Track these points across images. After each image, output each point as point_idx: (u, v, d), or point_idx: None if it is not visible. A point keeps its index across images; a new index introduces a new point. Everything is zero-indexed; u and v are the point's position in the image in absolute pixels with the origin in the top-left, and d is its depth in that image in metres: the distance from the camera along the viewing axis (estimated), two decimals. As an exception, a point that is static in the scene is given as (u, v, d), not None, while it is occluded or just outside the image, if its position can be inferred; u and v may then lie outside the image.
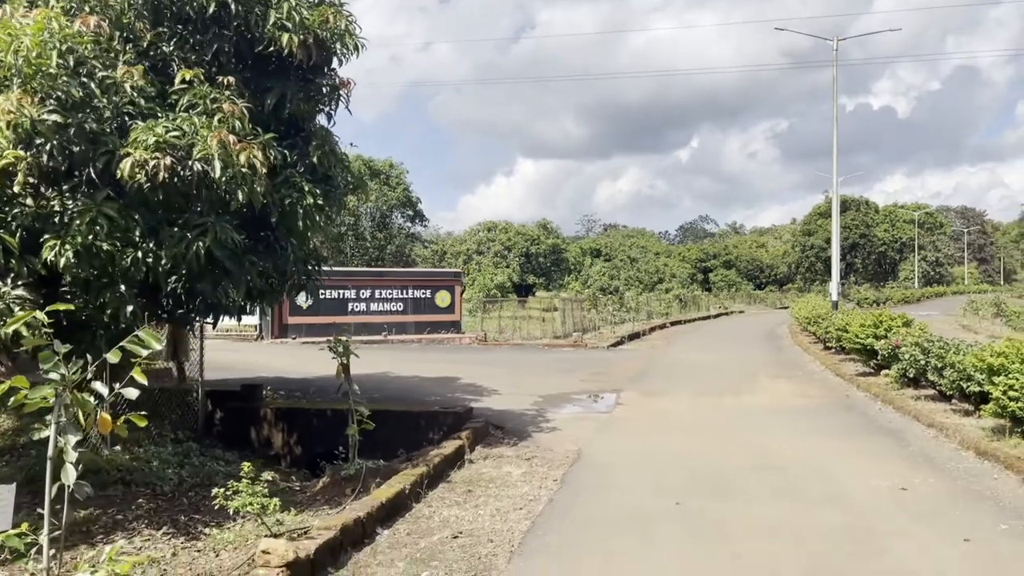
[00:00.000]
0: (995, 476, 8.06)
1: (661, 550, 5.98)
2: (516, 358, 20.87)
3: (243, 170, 6.58)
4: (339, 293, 24.78)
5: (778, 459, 8.89)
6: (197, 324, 11.54)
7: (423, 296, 26.03)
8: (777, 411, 12.37)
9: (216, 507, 7.18)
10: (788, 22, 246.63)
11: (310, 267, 11.90)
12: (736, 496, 7.36)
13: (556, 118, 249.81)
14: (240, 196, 6.62)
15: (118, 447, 10.01)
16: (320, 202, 7.93)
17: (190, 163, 6.40)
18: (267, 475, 7.03)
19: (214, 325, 11.31)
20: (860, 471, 8.29)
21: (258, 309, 24.05)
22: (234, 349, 21.52)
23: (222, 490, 6.43)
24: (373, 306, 25.21)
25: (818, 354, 21.06)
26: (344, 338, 8.82)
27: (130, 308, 7.90)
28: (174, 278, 7.44)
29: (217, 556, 6.55)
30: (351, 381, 8.99)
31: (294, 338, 23.80)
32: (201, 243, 6.73)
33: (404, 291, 25.75)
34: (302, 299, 23.27)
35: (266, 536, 6.03)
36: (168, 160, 6.24)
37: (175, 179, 6.42)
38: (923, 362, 12.26)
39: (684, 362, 20.16)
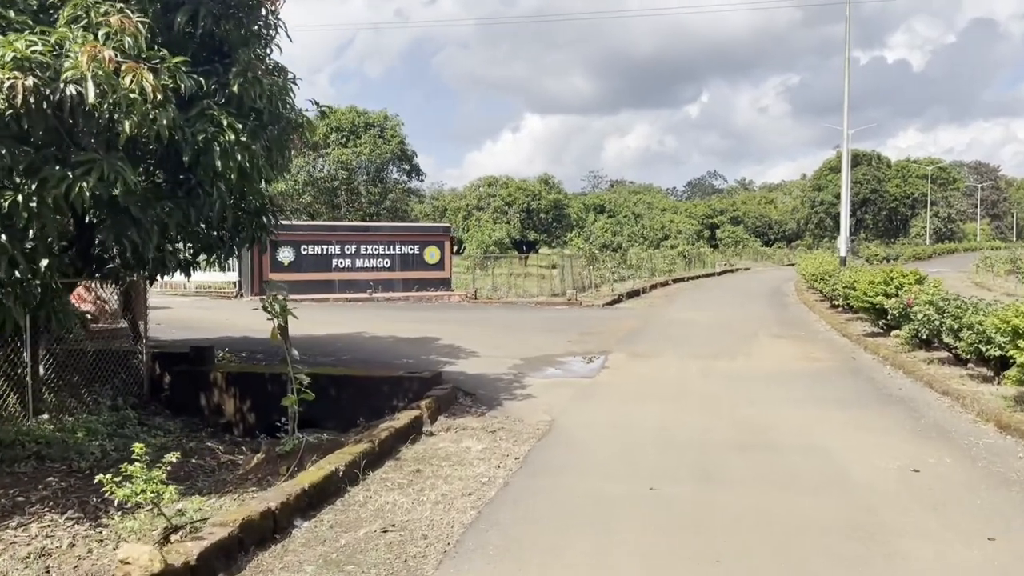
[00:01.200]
0: (1021, 455, 7.04)
1: (622, 554, 4.99)
2: (505, 317, 19.87)
3: (130, 95, 5.47)
4: (323, 248, 23.69)
5: (772, 435, 7.88)
6: (136, 280, 10.53)
7: (411, 252, 24.94)
8: (775, 376, 11.35)
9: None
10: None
11: (265, 219, 10.92)
12: (720, 481, 6.36)
13: (564, 73, 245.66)
14: (127, 127, 5.53)
15: (45, 415, 9.10)
16: (244, 139, 6.82)
17: (59, 85, 5.29)
18: (214, 447, 6.02)
19: (150, 281, 10.33)
20: (865, 449, 7.28)
21: (237, 264, 23.11)
22: (208, 307, 20.58)
23: (110, 476, 5.45)
24: (359, 262, 24.13)
25: (824, 312, 19.99)
26: (280, 295, 7.76)
27: (45, 262, 6.91)
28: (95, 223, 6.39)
29: (115, 549, 5.63)
30: (290, 345, 7.97)
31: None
32: (85, 183, 5.65)
33: (391, 247, 24.64)
34: (284, 255, 22.33)
35: (158, 530, 5.10)
36: (30, 81, 5.15)
37: (45, 105, 5.32)
38: (937, 323, 11.19)
39: (681, 321, 19.12)
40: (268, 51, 9.59)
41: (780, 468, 6.69)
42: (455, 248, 65.34)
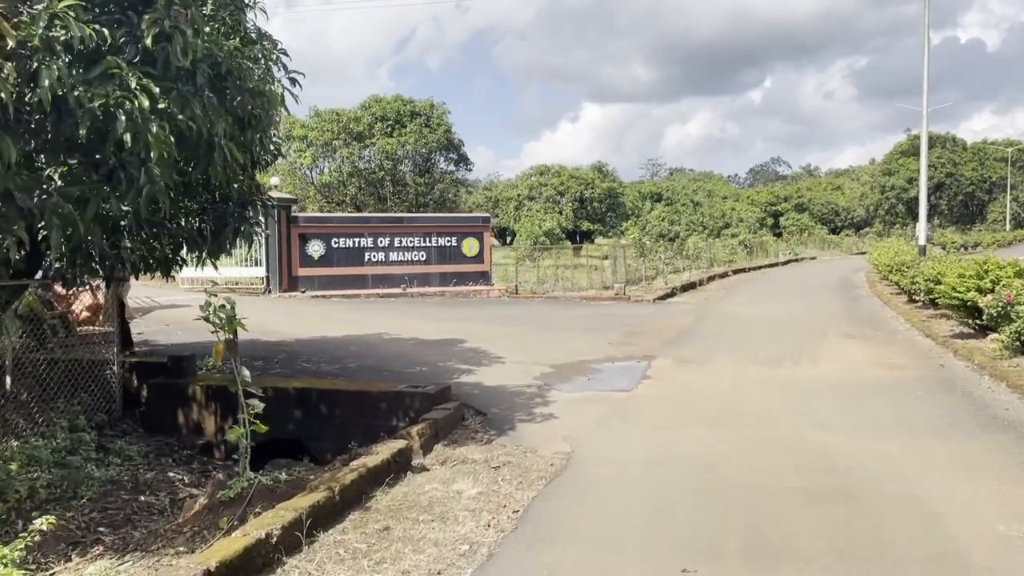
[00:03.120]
0: None
1: None
2: (544, 314, 18.29)
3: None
4: (354, 242, 22.43)
5: (850, 477, 6.15)
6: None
7: (448, 244, 23.49)
8: (849, 388, 9.52)
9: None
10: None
11: (250, 212, 9.62)
12: (782, 558, 4.69)
13: (623, 61, 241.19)
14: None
15: (-14, 440, 7.92)
16: (162, 105, 5.39)
17: None
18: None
19: (107, 285, 9.08)
20: (978, 503, 5.51)
21: (265, 259, 22.06)
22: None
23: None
24: (392, 256, 22.81)
25: (902, 308, 17.84)
26: (221, 298, 6.32)
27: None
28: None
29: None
30: (239, 363, 6.54)
31: (303, 291, 21.66)
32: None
33: (427, 239, 23.24)
34: (314, 248, 21.19)
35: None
36: None
37: None
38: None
39: (739, 317, 17.24)
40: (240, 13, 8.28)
41: (865, 534, 4.98)
42: (506, 239, 63.99)
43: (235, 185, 9.47)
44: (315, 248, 21.85)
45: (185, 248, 9.24)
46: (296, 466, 7.61)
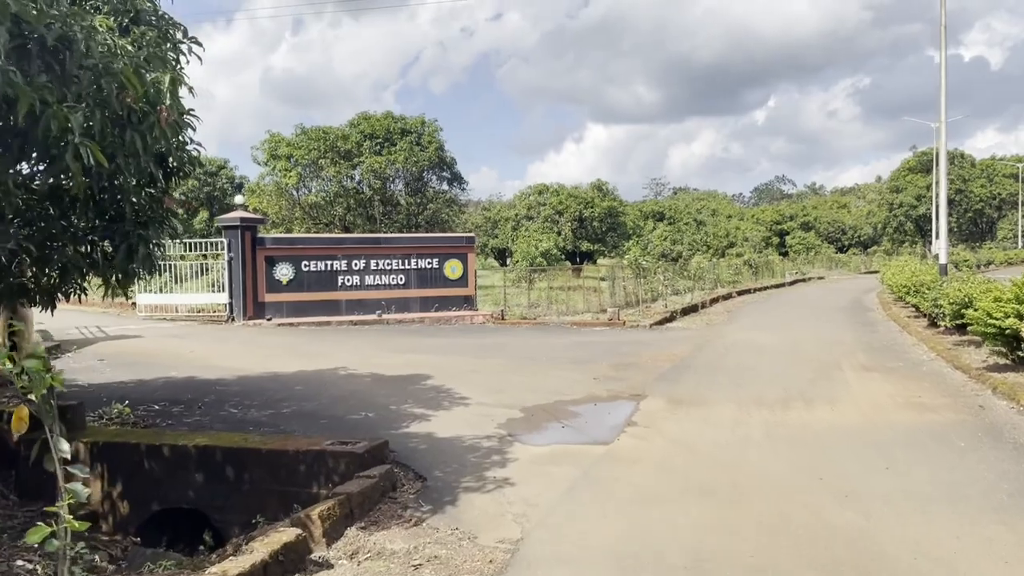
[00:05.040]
0: None
1: None
2: (528, 343, 16.63)
3: None
4: (327, 265, 20.81)
5: (892, 588, 4.47)
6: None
7: (429, 266, 21.86)
8: (874, 440, 7.85)
9: None
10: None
11: (148, 232, 8.06)
12: None
13: (627, 82, 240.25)
14: None
15: None
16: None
17: None
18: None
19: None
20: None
21: (227, 284, 20.46)
22: (186, 335, 17.88)
23: None
24: (368, 279, 21.18)
25: (923, 334, 16.15)
26: (40, 344, 4.69)
27: None
28: None
29: None
30: (56, 430, 4.89)
31: (270, 319, 20.06)
32: None
33: (406, 261, 21.62)
34: (282, 272, 19.62)
35: None
36: None
37: None
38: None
39: (742, 346, 15.56)
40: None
41: None
42: (505, 260, 62.41)
43: (133, 199, 7.96)
44: (283, 272, 20.27)
45: (81, 274, 7.67)
46: (163, 559, 5.95)
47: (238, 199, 21.37)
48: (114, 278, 8.18)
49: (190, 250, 22.24)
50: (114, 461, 7.70)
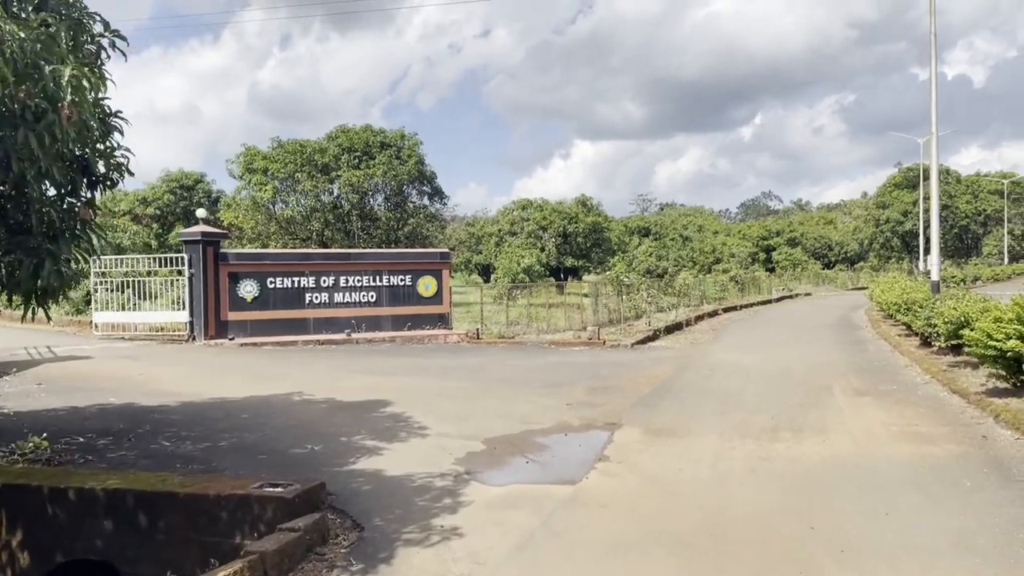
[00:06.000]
0: None
1: None
2: (502, 364, 15.79)
3: None
4: (293, 281, 19.91)
5: None
6: None
7: (402, 283, 20.99)
8: (871, 478, 7.05)
9: None
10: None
11: (58, 246, 7.20)
12: None
13: (615, 99, 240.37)
14: None
15: None
16: None
17: None
18: None
19: None
20: None
21: (188, 302, 19.53)
22: (139, 356, 16.92)
23: None
24: (337, 296, 20.29)
25: (916, 354, 15.42)
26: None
27: None
28: None
29: None
30: None
31: (232, 338, 19.11)
32: None
33: (378, 278, 20.75)
34: (246, 289, 18.71)
35: None
36: None
37: None
38: None
39: (727, 367, 14.78)
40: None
41: None
42: (489, 277, 61.62)
43: (44, 210, 7.12)
44: (248, 289, 19.36)
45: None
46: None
47: (200, 212, 20.47)
48: (34, 295, 7.32)
49: (163, 265, 21.31)
50: (15, 505, 6.80)
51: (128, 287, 20.87)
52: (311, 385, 12.77)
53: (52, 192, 7.45)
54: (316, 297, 20.11)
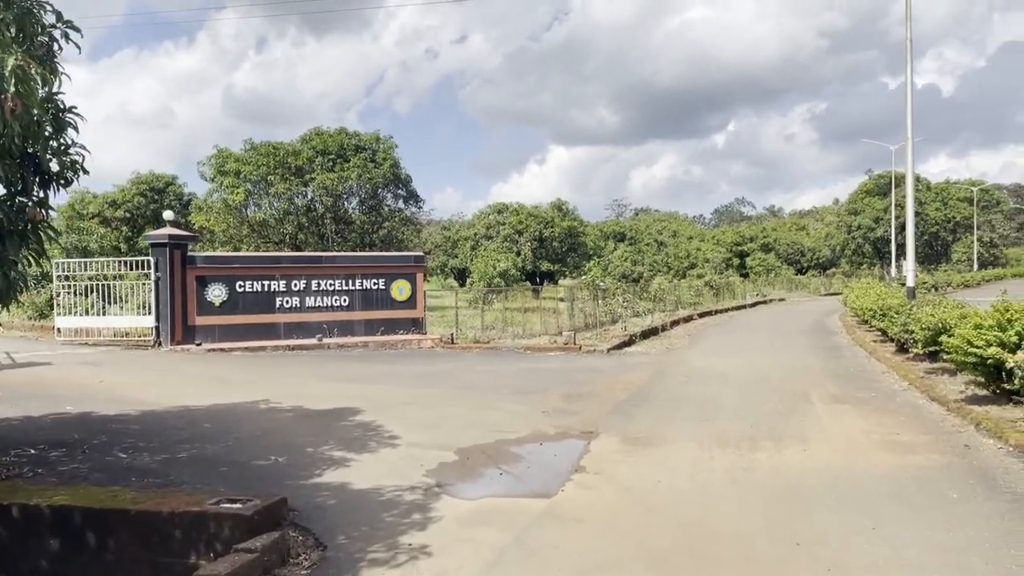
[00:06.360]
0: None
1: None
2: (476, 370, 15.49)
3: None
4: (264, 285, 19.46)
5: None
6: None
7: (375, 287, 20.62)
8: (855, 489, 6.85)
9: None
10: (828, 3, 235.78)
11: (5, 248, 6.81)
12: None
13: (590, 105, 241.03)
14: None
15: None
16: None
17: None
18: None
19: None
20: None
21: (155, 306, 19.03)
22: (103, 362, 16.40)
23: None
24: (309, 301, 19.87)
25: (892, 360, 15.36)
26: None
27: None
28: None
29: None
30: None
31: (199, 343, 18.62)
32: None
33: (350, 281, 20.36)
34: (215, 293, 18.25)
35: None
36: None
37: None
38: None
39: (704, 373, 14.60)
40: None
41: None
42: (464, 281, 61.25)
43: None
44: (216, 293, 18.88)
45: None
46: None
47: (167, 215, 19.96)
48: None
49: (131, 269, 20.74)
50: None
51: (94, 291, 20.29)
52: (279, 392, 12.39)
53: (1, 191, 7.08)
54: (287, 301, 19.68)
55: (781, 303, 45.97)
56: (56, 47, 7.07)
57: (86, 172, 7.80)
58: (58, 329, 20.23)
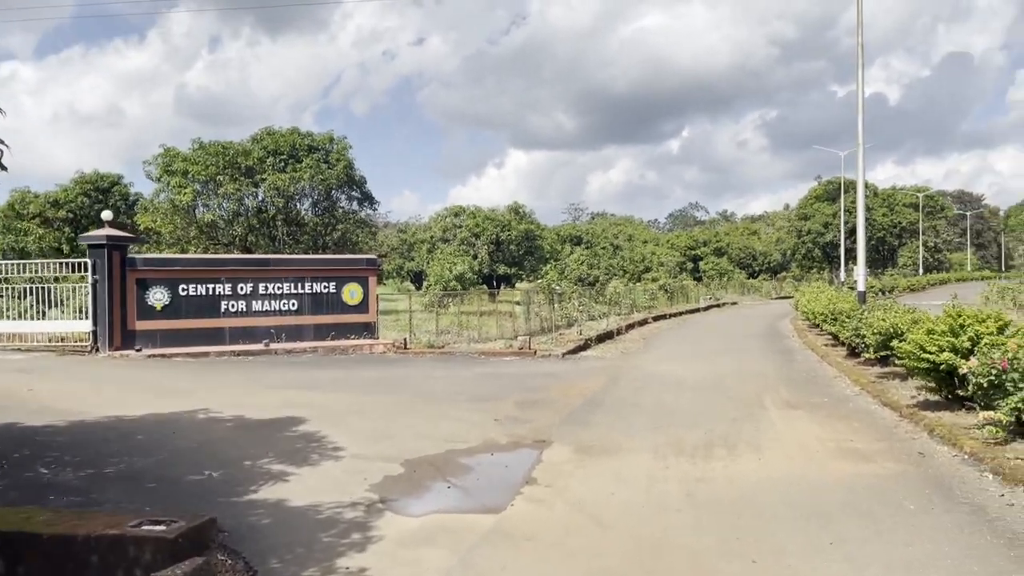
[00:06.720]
0: None
1: None
2: (428, 376, 15.13)
3: None
4: (208, 288, 18.83)
5: None
6: None
7: (325, 291, 20.11)
8: (811, 501, 6.68)
9: None
10: (778, 12, 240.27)
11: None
12: None
13: (548, 110, 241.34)
14: None
15: None
16: None
17: None
18: None
19: None
20: None
21: (92, 310, 18.25)
22: (32, 369, 15.65)
23: None
24: (256, 305, 19.29)
25: (844, 365, 15.41)
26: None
27: None
28: None
29: None
30: None
31: (139, 349, 17.92)
32: None
33: (299, 285, 19.82)
34: (156, 296, 17.58)
35: None
36: None
37: None
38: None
39: (659, 379, 14.46)
40: None
41: None
42: (421, 284, 60.75)
43: None
44: (157, 296, 18.20)
45: None
46: None
47: (105, 215, 19.18)
48: None
49: (73, 271, 19.87)
50: None
51: (31, 294, 19.43)
52: (220, 401, 11.88)
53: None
54: (232, 305, 19.05)
55: (734, 306, 46.39)
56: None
57: (3, 168, 7.31)
58: (-11, 334, 19.31)
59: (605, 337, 23.76)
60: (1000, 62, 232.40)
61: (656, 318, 33.01)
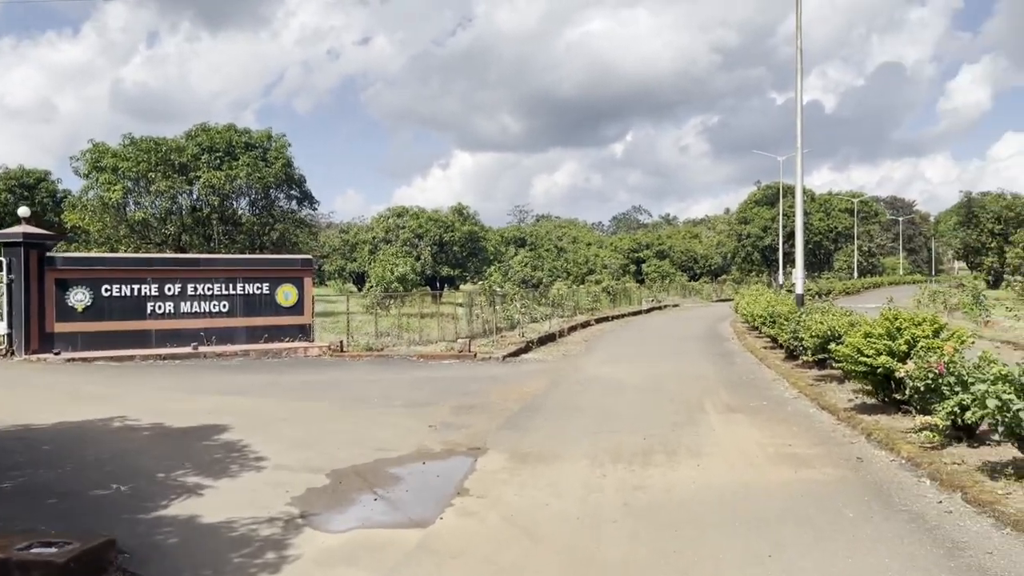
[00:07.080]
0: None
1: None
2: (363, 380, 14.66)
3: None
4: (133, 289, 17.98)
5: None
6: None
7: (259, 292, 19.43)
8: (750, 510, 6.48)
9: None
10: (720, 20, 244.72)
11: None
12: None
13: (493, 112, 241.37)
14: None
15: None
16: None
17: None
18: None
19: None
20: None
21: (6, 311, 17.29)
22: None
23: None
24: (184, 306, 18.51)
25: (782, 367, 15.45)
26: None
27: None
28: None
29: None
30: None
31: (58, 353, 17.01)
32: None
33: (231, 286, 19.10)
34: (77, 297, 16.70)
35: None
36: None
37: None
38: (1015, 410, 6.52)
39: (599, 382, 14.27)
40: None
41: None
42: (363, 286, 59.76)
43: None
44: (78, 297, 17.31)
45: None
46: None
47: (21, 211, 18.20)
48: None
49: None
50: None
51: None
52: (140, 407, 11.25)
53: None
54: (159, 306, 18.24)
55: (675, 308, 46.80)
56: None
57: None
58: None
59: (547, 339, 23.56)
60: (931, 73, 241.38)
61: (599, 320, 33.00)
